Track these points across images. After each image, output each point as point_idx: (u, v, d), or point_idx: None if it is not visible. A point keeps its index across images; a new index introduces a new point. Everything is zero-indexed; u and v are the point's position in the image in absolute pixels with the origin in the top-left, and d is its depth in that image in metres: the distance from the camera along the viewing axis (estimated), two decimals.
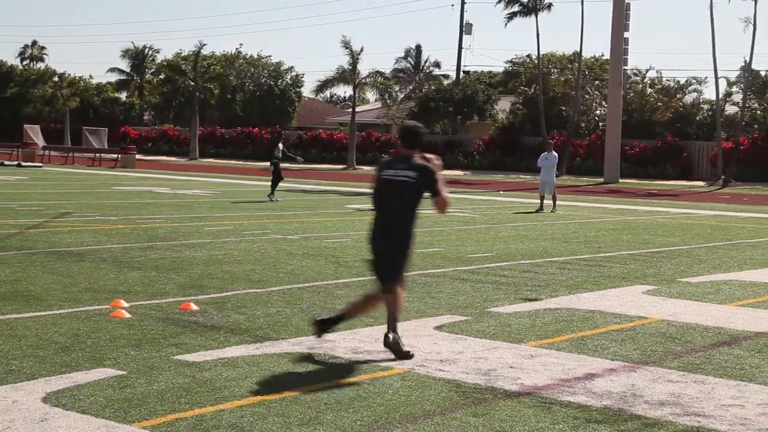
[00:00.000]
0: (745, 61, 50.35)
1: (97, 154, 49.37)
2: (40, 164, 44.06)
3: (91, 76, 78.37)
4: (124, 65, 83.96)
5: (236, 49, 76.44)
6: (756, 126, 49.27)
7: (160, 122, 76.41)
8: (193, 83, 61.08)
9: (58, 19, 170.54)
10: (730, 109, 53.12)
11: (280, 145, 25.23)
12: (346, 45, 54.69)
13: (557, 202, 24.28)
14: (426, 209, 7.43)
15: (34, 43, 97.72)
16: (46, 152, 50.73)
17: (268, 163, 25.35)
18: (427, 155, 7.31)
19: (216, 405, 5.57)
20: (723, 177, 44.19)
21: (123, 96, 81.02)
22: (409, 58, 76.96)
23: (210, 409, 5.50)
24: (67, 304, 8.56)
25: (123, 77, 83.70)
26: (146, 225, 16.44)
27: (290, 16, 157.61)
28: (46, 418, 5.24)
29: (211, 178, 37.07)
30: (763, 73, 54.58)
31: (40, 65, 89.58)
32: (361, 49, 54.94)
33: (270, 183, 24.75)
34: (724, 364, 7.06)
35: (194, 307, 8.57)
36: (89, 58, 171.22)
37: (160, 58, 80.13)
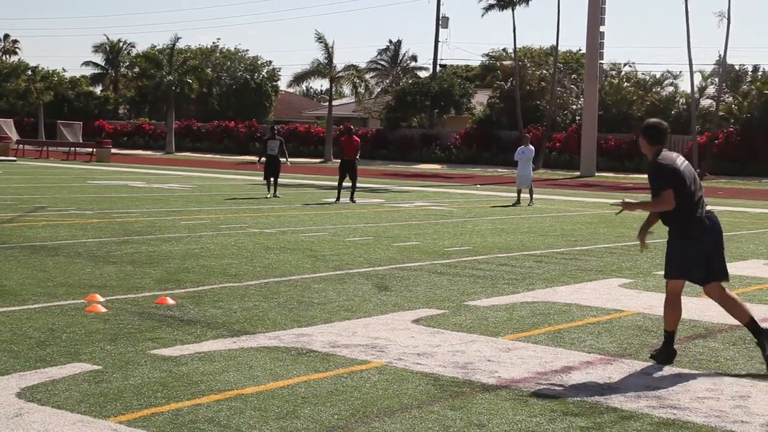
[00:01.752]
0: (720, 56, 50.77)
1: (72, 148, 49.00)
2: (14, 158, 43.65)
3: (64, 70, 77.84)
4: (99, 59, 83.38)
5: (213, 42, 76.08)
6: (732, 120, 49.66)
7: (136, 116, 75.92)
8: (169, 77, 60.72)
9: (32, 13, 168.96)
10: (705, 103, 53.52)
11: (271, 143, 24.32)
12: (320, 39, 54.64)
13: (534, 196, 24.39)
14: (403, 202, 7.42)
15: (7, 36, 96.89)
16: (20, 146, 50.27)
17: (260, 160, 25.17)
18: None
19: (193, 399, 5.55)
20: (698, 171, 44.49)
21: (98, 90, 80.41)
22: (387, 52, 76.95)
23: (187, 403, 5.47)
24: (42, 299, 8.49)
25: (97, 71, 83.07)
26: (122, 219, 16.34)
27: (267, 9, 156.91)
28: (21, 413, 5.19)
29: (187, 172, 36.89)
30: (737, 67, 55.06)
31: (14, 59, 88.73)
32: (333, 43, 54.98)
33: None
34: (699, 357, 7.12)
35: (171, 301, 8.53)
36: (63, 51, 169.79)
37: (134, 52, 79.63)
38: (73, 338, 7.01)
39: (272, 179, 23.59)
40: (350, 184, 22.95)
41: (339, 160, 24.18)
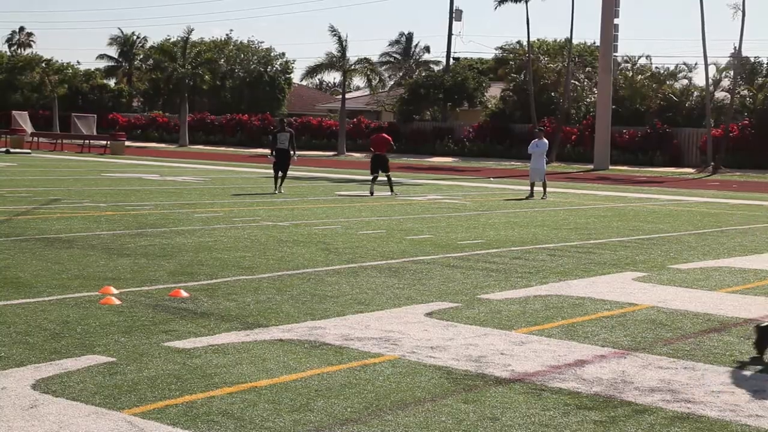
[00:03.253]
0: (735, 48, 50.45)
1: (86, 141, 49.16)
2: (29, 151, 43.84)
3: (79, 63, 78.10)
4: (113, 52, 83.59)
5: (226, 35, 76.10)
6: (746, 113, 49.37)
7: (149, 109, 76.10)
8: (182, 69, 60.81)
9: (46, 5, 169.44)
10: (720, 96, 53.20)
11: (279, 136, 24.31)
12: (334, 32, 54.61)
13: (547, 189, 24.32)
14: (416, 195, 7.41)
15: (22, 29, 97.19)
16: (35, 139, 50.47)
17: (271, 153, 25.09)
18: None
19: (206, 392, 5.56)
20: (712, 164, 44.29)
21: (112, 83, 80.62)
22: (399, 44, 76.81)
23: (200, 395, 5.48)
24: (57, 291, 8.53)
25: (111, 64, 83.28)
26: (136, 212, 16.39)
27: (281, 2, 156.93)
28: (36, 404, 5.22)
29: (200, 165, 36.96)
30: (752, 60, 54.71)
31: (28, 51, 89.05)
32: (347, 36, 54.95)
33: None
34: (714, 351, 7.09)
35: (184, 293, 8.55)
36: (77, 44, 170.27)
37: (148, 45, 79.77)
38: (88, 330, 7.04)
39: (280, 173, 22.92)
40: (385, 179, 23.56)
41: (370, 155, 24.74)
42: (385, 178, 23.51)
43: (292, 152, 23.31)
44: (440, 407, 5.43)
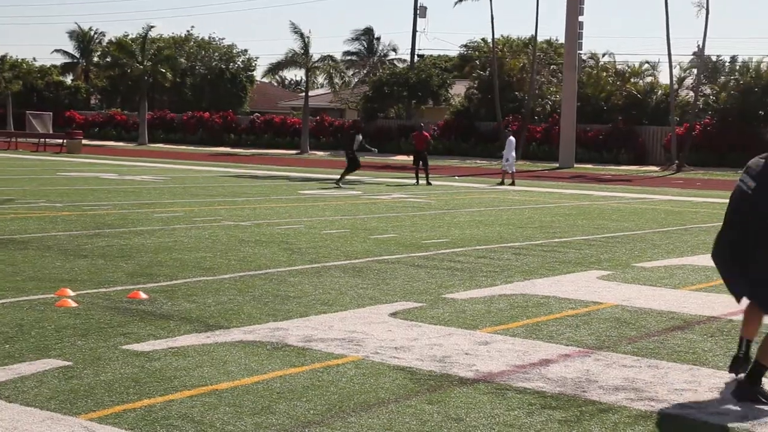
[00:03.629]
0: (698, 46, 51.06)
1: (42, 139, 48.56)
2: None
3: (35, 59, 76.87)
4: (70, 47, 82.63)
5: (187, 31, 75.53)
6: (710, 112, 50.01)
7: (108, 106, 75.31)
8: (141, 66, 60.27)
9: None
10: (684, 94, 53.85)
11: (359, 137, 27.56)
12: (296, 29, 54.48)
13: (512, 186, 24.61)
14: (380, 194, 7.41)
15: None
16: None
17: (346, 154, 28.01)
18: None
19: (166, 395, 5.52)
20: (677, 162, 44.80)
21: (68, 79, 79.67)
22: (362, 41, 76.71)
23: (159, 399, 5.44)
24: (11, 294, 8.41)
25: (68, 60, 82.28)
26: (93, 212, 16.22)
27: None
28: None
29: (160, 164, 36.67)
30: (715, 58, 55.42)
31: None
32: (309, 33, 54.89)
33: (343, 171, 27.03)
34: (678, 349, 7.17)
35: (143, 295, 8.48)
36: (32, 40, 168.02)
37: (106, 41, 78.91)
38: (43, 334, 6.96)
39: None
40: (423, 173, 28.14)
41: (411, 153, 30.17)
42: (423, 172, 28.03)
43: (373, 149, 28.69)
44: (404, 408, 5.43)
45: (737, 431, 5.25)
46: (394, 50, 76.54)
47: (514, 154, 29.27)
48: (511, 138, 29.65)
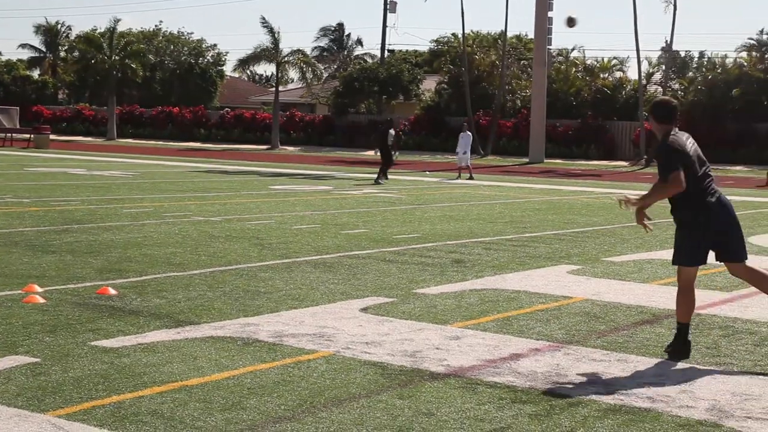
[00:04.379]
0: (666, 42, 51.49)
1: (8, 134, 48.00)
2: None
3: (0, 53, 75.97)
4: (36, 42, 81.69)
5: (155, 26, 74.93)
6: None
7: (75, 101, 74.56)
8: (110, 60, 59.72)
9: None
10: (652, 89, 54.30)
11: (392, 132, 28.11)
12: (266, 23, 54.28)
13: (482, 183, 24.70)
14: (351, 189, 7.40)
15: None
16: None
17: (377, 150, 29.17)
18: None
19: (135, 392, 5.48)
20: (645, 157, 45.18)
21: (35, 74, 78.77)
22: (330, 35, 76.55)
23: (129, 395, 5.40)
24: None
25: (35, 54, 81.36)
26: (61, 207, 16.06)
27: None
28: None
29: (129, 159, 36.39)
30: (683, 54, 55.93)
31: None
32: (279, 28, 54.85)
33: (380, 168, 27.35)
34: (646, 343, 7.23)
35: (112, 291, 8.41)
36: None
37: (74, 35, 78.10)
38: (10, 330, 6.88)
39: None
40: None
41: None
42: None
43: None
44: (375, 403, 5.43)
45: (705, 424, 5.30)
46: (360, 43, 76.47)
47: (466, 148, 30.06)
48: (465, 133, 30.26)
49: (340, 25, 76.93)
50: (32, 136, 45.78)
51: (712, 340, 7.36)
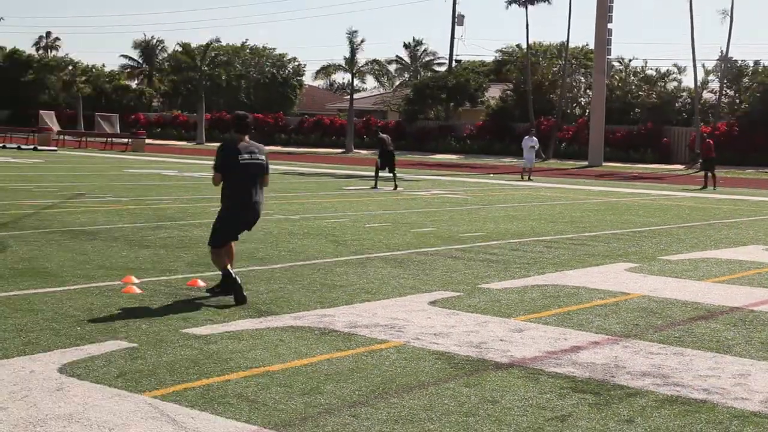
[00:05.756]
0: (722, 51, 50.23)
1: (109, 139, 49.20)
2: (55, 148, 43.88)
3: (104, 65, 77.93)
4: (135, 55, 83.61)
5: (242, 42, 76.10)
6: (731, 115, 49.17)
7: (169, 108, 76.06)
8: (202, 69, 60.80)
9: (71, 11, 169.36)
10: (708, 96, 53.05)
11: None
12: (350, 34, 54.61)
13: (543, 184, 24.40)
14: (419, 191, 7.38)
15: (49, 33, 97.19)
16: (61, 137, 50.53)
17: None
18: None
19: (222, 376, 5.56)
20: (700, 161, 44.09)
21: (133, 84, 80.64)
22: (407, 49, 76.77)
23: (216, 379, 5.49)
24: (81, 281, 8.54)
25: (132, 65, 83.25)
26: (156, 206, 16.39)
27: (294, 7, 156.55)
28: (62, 387, 5.22)
29: None
30: (738, 62, 54.48)
31: (54, 54, 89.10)
32: (362, 41, 55.21)
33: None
34: (702, 337, 7.07)
35: (201, 283, 8.55)
36: (99, 47, 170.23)
37: (168, 49, 79.79)
38: (111, 317, 7.05)
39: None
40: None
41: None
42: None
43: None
44: (443, 390, 5.42)
45: (759, 415, 5.16)
46: (434, 56, 76.40)
47: (532, 152, 30.66)
48: (526, 137, 31.04)
49: (417, 40, 76.98)
50: (130, 140, 46.83)
51: (767, 336, 7.16)
